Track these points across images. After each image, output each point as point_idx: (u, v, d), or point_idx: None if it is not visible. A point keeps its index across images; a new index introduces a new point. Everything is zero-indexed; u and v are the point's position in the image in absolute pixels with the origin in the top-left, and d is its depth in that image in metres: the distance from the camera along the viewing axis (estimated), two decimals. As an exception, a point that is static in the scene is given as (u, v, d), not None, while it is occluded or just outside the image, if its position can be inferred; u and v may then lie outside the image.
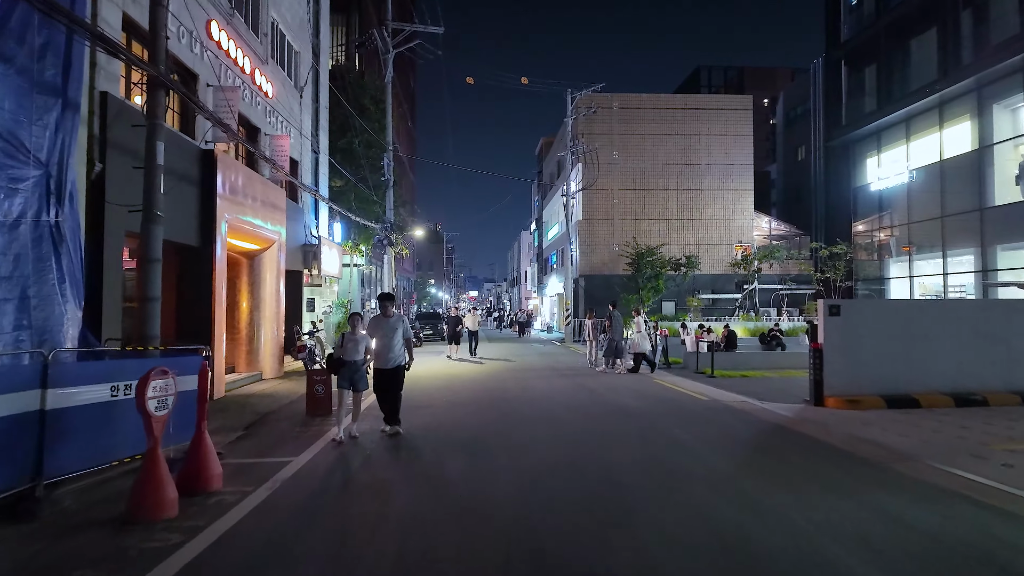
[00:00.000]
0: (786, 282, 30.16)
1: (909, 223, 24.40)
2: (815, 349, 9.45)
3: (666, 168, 30.90)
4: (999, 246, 20.62)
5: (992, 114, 20.82)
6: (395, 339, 7.29)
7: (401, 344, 7.37)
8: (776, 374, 14.11)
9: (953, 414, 8.44)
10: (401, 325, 7.38)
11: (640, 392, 11.16)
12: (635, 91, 31.65)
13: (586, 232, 30.82)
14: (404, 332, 7.37)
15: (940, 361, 9.41)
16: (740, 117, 31.53)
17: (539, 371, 15.17)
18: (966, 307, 9.58)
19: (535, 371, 15.06)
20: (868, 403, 9.06)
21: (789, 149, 42.63)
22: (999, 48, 19.90)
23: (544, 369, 15.62)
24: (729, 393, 10.87)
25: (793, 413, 8.84)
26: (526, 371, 14.88)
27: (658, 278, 27.02)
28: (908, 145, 24.63)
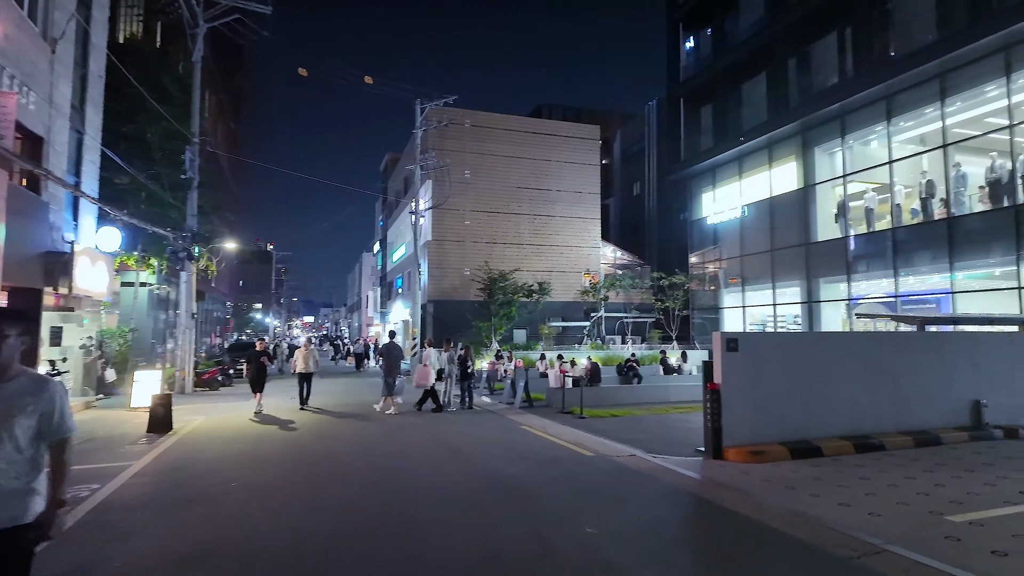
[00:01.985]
0: (630, 310, 30.48)
1: (742, 255, 25.66)
2: (712, 391, 8.02)
3: (519, 192, 29.90)
4: (822, 279, 22.12)
5: (815, 156, 22.49)
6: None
7: (25, 463, 2.52)
8: (644, 411, 12.89)
9: (865, 464, 7.41)
10: (38, 405, 2.53)
11: (511, 448, 8.96)
12: (488, 111, 30.23)
13: (436, 254, 28.55)
14: (47, 423, 2.55)
15: (836, 400, 8.51)
16: (588, 146, 31.73)
17: (384, 420, 12.34)
18: (858, 341, 8.86)
19: (377, 421, 12.20)
20: (772, 454, 7.77)
21: (625, 184, 44.59)
22: (820, 96, 21.59)
23: (390, 415, 12.82)
24: (611, 443, 9.12)
25: (698, 473, 7.23)
26: (367, 422, 11.97)
27: (511, 305, 25.53)
28: (741, 182, 26.07)
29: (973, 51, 16.52)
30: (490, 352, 23.15)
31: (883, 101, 19.60)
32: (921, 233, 18.54)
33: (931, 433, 8.65)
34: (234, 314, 51.51)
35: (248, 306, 60.06)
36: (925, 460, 7.58)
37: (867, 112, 20.25)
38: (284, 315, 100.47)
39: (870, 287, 20.59)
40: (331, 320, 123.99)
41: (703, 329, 28.53)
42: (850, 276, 20.76)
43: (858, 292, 20.80)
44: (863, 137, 21.13)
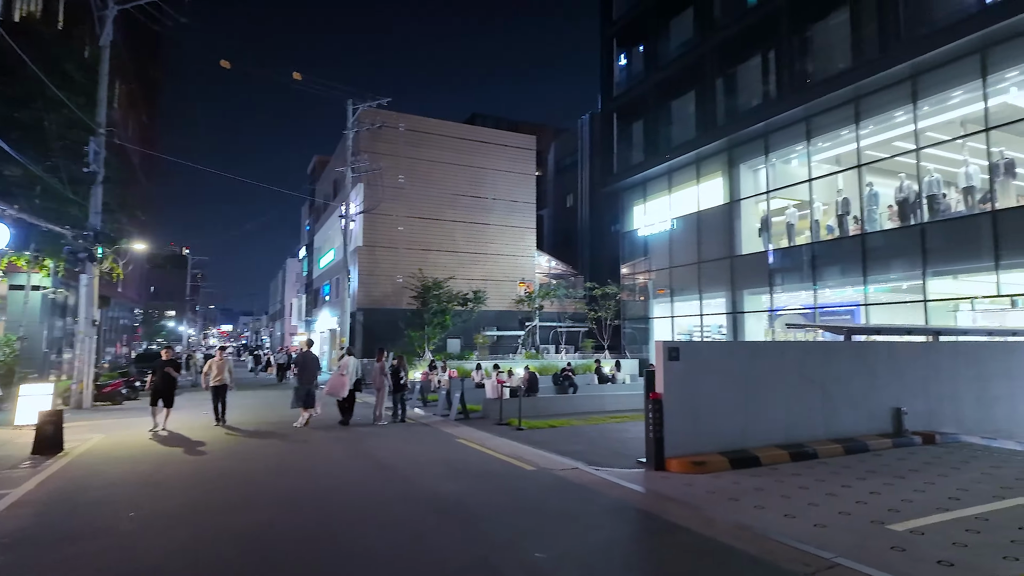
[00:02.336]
0: (564, 320, 30.62)
1: (671, 267, 26.31)
2: (654, 400, 7.90)
3: (455, 199, 29.48)
4: (746, 291, 22.98)
5: (740, 173, 23.41)
6: None
7: None
8: (582, 421, 12.74)
9: (802, 473, 7.48)
10: None
11: (449, 463, 8.49)
12: (423, 116, 29.69)
13: (367, 260, 27.58)
14: None
15: (772, 409, 8.61)
16: (524, 156, 31.79)
17: (307, 436, 11.52)
18: (792, 351, 9.02)
19: (300, 438, 11.37)
20: (713, 464, 7.73)
21: (559, 196, 45.17)
22: (745, 115, 22.52)
23: (315, 431, 12.01)
24: (552, 456, 8.84)
25: (642, 485, 7.05)
26: (288, 439, 11.13)
27: (445, 314, 24.99)
28: (671, 195, 26.80)
29: (883, 79, 17.67)
30: (423, 362, 22.49)
31: (803, 122, 20.66)
32: (837, 248, 19.59)
33: (858, 440, 8.92)
34: (144, 322, 47.88)
35: (160, 314, 56.08)
36: (856, 467, 7.75)
37: (788, 132, 21.28)
38: (200, 323, 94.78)
39: (790, 299, 21.56)
40: (251, 329, 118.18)
41: (633, 339, 29.05)
42: (772, 288, 21.68)
43: (779, 304, 21.74)
44: (785, 156, 22.20)
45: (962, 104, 16.77)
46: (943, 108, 17.23)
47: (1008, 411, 10.73)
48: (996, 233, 15.14)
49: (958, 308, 16.73)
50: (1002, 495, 6.31)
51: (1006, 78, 15.59)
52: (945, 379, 10.17)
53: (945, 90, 16.71)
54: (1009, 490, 6.51)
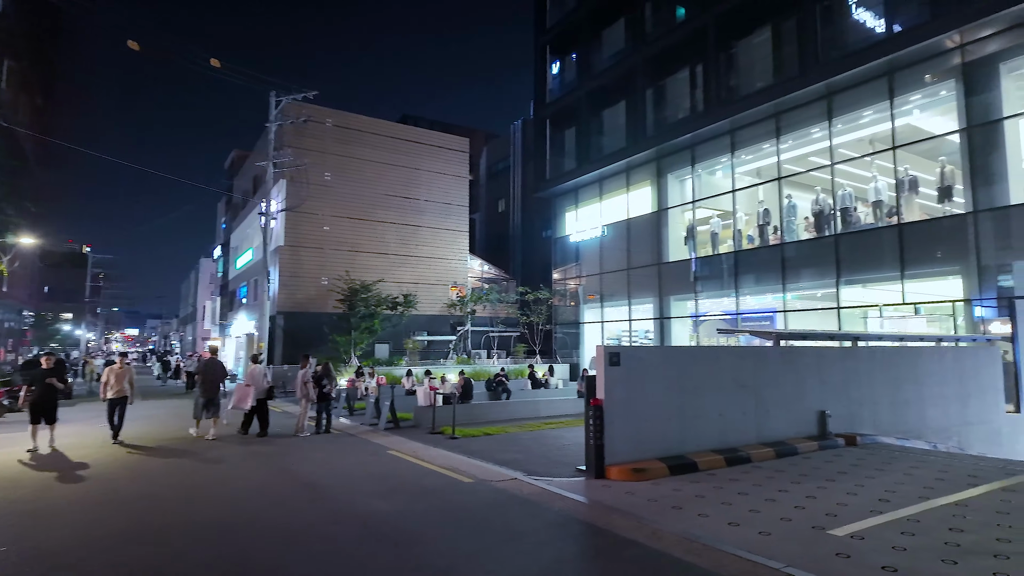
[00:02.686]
0: (496, 324, 30.37)
1: (601, 273, 26.66)
2: (595, 407, 7.73)
3: (386, 199, 28.57)
4: (672, 297, 23.59)
5: (667, 182, 24.04)
6: None
7: None
8: (517, 428, 12.46)
9: (739, 478, 7.50)
10: None
11: (380, 478, 7.95)
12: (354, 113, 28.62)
13: (290, 261, 26.20)
14: None
15: (708, 414, 8.66)
16: (458, 158, 31.36)
17: (220, 451, 10.59)
18: (726, 356, 9.12)
19: (212, 455, 10.43)
20: (653, 471, 7.64)
21: (491, 201, 45.02)
22: (673, 127, 23.16)
23: (229, 446, 11.06)
24: (489, 466, 8.49)
25: (585, 496, 6.83)
26: (197, 456, 10.17)
27: (374, 318, 24.10)
28: (601, 203, 27.19)
29: (802, 96, 18.61)
30: (350, 368, 21.56)
31: (728, 135, 21.46)
32: (758, 257, 20.44)
33: (788, 444, 9.14)
34: (35, 325, 43.48)
35: (55, 316, 51.20)
36: (789, 471, 7.88)
37: (714, 144, 22.06)
38: (101, 327, 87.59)
39: (714, 305, 22.31)
40: (160, 333, 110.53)
41: (564, 343, 29.23)
42: (696, 294, 22.36)
43: (703, 309, 22.45)
44: (710, 167, 23.00)
45: (872, 123, 17.92)
46: (855, 127, 18.35)
47: (917, 413, 11.40)
48: (902, 245, 16.22)
49: (867, 315, 17.82)
50: (926, 495, 6.54)
51: (910, 101, 16.79)
52: (863, 383, 10.65)
53: (857, 110, 17.80)
54: (931, 490, 6.77)
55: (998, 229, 14.53)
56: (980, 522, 5.55)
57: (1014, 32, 14.35)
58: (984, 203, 14.77)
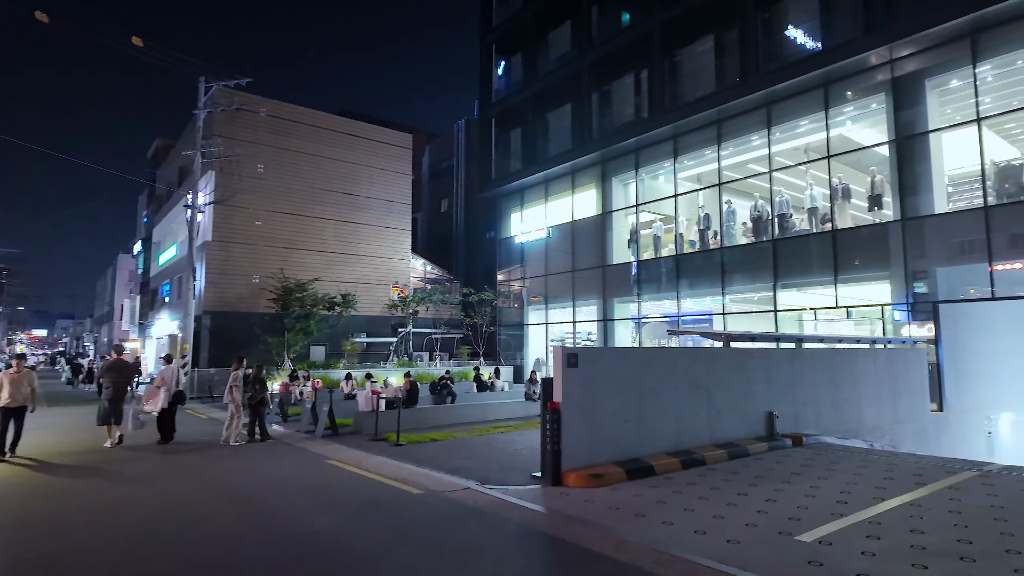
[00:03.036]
0: (439, 326, 29.71)
1: (546, 275, 26.56)
2: (552, 410, 7.41)
3: (324, 195, 27.37)
4: (616, 299, 23.74)
5: (612, 186, 24.21)
6: None
7: None
8: (465, 432, 11.99)
9: (696, 482, 7.36)
10: None
11: (321, 491, 7.31)
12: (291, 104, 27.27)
13: (218, 257, 24.62)
14: None
15: (663, 416, 8.51)
16: (401, 154, 30.51)
17: (136, 464, 9.59)
18: (682, 356, 9.01)
19: (127, 469, 9.43)
20: (610, 476, 7.38)
21: (434, 201, 44.30)
22: (618, 131, 23.33)
23: (146, 456, 10.05)
24: (439, 475, 8.00)
25: (543, 505, 6.48)
26: (112, 469, 9.15)
27: (309, 318, 22.97)
28: (547, 204, 27.10)
29: (742, 104, 19.08)
30: (283, 371, 20.43)
31: (671, 140, 21.79)
32: (698, 261, 20.82)
33: (739, 445, 9.12)
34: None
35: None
36: (744, 473, 7.82)
37: (657, 149, 22.36)
38: (2, 327, 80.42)
39: (655, 307, 22.60)
40: (72, 334, 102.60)
41: (508, 345, 28.94)
42: (639, 297, 22.58)
43: (645, 312, 22.69)
44: (653, 171, 23.31)
45: (808, 133, 18.59)
46: (792, 136, 18.99)
47: (855, 412, 11.74)
48: (835, 251, 16.85)
49: (802, 318, 18.45)
50: (879, 496, 6.57)
51: (844, 112, 17.51)
52: (807, 384, 10.85)
53: (794, 119, 18.41)
54: (883, 491, 6.82)
55: (922, 237, 15.32)
56: (938, 522, 5.56)
57: (937, 51, 15.17)
58: (911, 212, 15.53)
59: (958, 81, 15.20)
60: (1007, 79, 14.81)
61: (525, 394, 15.18)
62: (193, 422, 14.69)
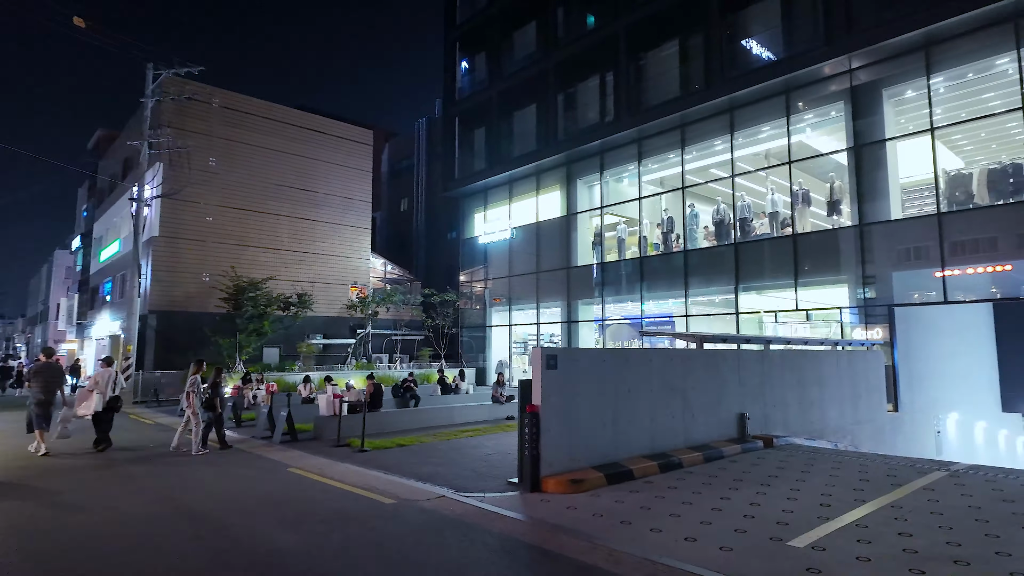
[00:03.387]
0: (400, 327, 29.06)
1: (510, 276, 26.30)
2: (531, 414, 7.12)
3: (279, 190, 26.35)
4: (580, 300, 23.68)
5: (577, 187, 24.16)
6: None
7: None
8: (432, 437, 11.58)
9: (677, 486, 7.19)
10: None
11: (283, 503, 6.80)
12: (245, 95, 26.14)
13: (166, 254, 23.36)
14: None
15: (639, 418, 8.35)
16: (361, 150, 29.73)
17: (74, 475, 8.82)
18: (657, 357, 8.86)
19: (63, 479, 8.66)
20: (590, 481, 7.14)
21: (393, 200, 43.50)
22: (583, 133, 23.30)
23: (84, 466, 9.26)
24: (410, 483, 7.60)
25: (523, 513, 6.18)
26: (40, 484, 8.37)
27: (263, 319, 22.01)
28: (511, 205, 26.87)
29: (706, 109, 19.30)
30: (235, 374, 19.49)
31: (635, 144, 21.89)
32: (662, 263, 20.95)
33: (713, 447, 9.04)
34: None
35: None
36: (722, 476, 7.71)
37: (622, 152, 22.43)
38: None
39: (619, 310, 22.65)
40: (1, 335, 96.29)
41: (470, 347, 28.53)
42: (603, 299, 22.58)
43: (609, 313, 22.71)
44: (618, 174, 23.37)
45: (769, 139, 18.94)
46: (754, 141, 19.30)
47: (820, 413, 11.90)
48: (795, 255, 17.18)
49: (762, 321, 18.76)
50: (860, 498, 6.54)
51: (804, 119, 17.90)
52: (776, 385, 10.91)
53: (756, 125, 18.72)
54: (862, 492, 6.81)
55: (878, 242, 15.75)
56: (922, 524, 5.53)
57: (893, 62, 15.65)
58: (867, 218, 15.96)
59: (913, 92, 15.72)
60: (957, 91, 15.41)
61: (492, 397, 14.85)
62: (139, 428, 13.77)
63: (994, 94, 15.06)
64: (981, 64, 14.58)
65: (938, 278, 14.54)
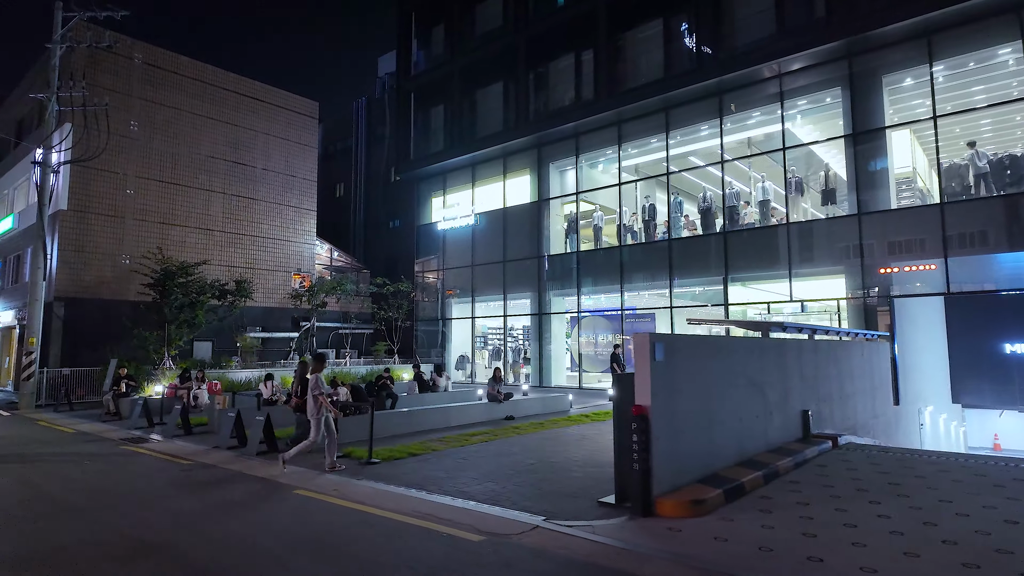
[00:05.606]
0: (351, 320, 26.57)
1: (473, 265, 24.54)
2: (638, 416, 5.61)
3: (211, 163, 23.14)
4: (552, 292, 22.33)
5: (549, 172, 22.75)
6: None
7: None
8: (441, 443, 9.72)
9: (786, 498, 5.94)
10: None
11: (329, 550, 4.89)
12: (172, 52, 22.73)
13: (75, 231, 19.74)
14: None
15: (729, 419, 7.07)
16: (303, 123, 26.84)
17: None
18: (740, 349, 7.60)
19: None
20: (711, 501, 5.73)
21: (327, 185, 40.32)
22: (557, 113, 21.94)
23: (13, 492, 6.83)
24: (468, 506, 5.89)
25: (667, 551, 4.66)
26: None
27: (196, 308, 19.05)
28: (474, 189, 25.09)
29: (694, 92, 18.44)
30: (168, 373, 16.63)
31: (615, 127, 20.74)
32: (644, 253, 19.94)
33: (791, 450, 7.92)
34: None
35: None
36: (826, 485, 6.56)
37: (600, 135, 21.22)
38: None
39: (594, 301, 21.51)
40: None
41: (425, 341, 26.52)
42: (579, 290, 21.33)
43: (586, 306, 21.50)
44: (594, 159, 22.19)
45: (759, 125, 18.39)
46: (743, 127, 18.65)
47: (853, 408, 11.16)
48: (790, 244, 16.59)
49: (747, 313, 18.20)
50: (1012, 518, 5.52)
51: (797, 105, 17.40)
52: (823, 378, 10.00)
53: (747, 110, 18.08)
54: (994, 510, 5.81)
55: (878, 231, 15.40)
56: None
57: (898, 47, 15.31)
58: (868, 207, 15.58)
59: (912, 80, 15.49)
60: (957, 80, 15.29)
61: (488, 395, 13.16)
62: (61, 439, 10.96)
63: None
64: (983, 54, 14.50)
65: (939, 268, 14.33)
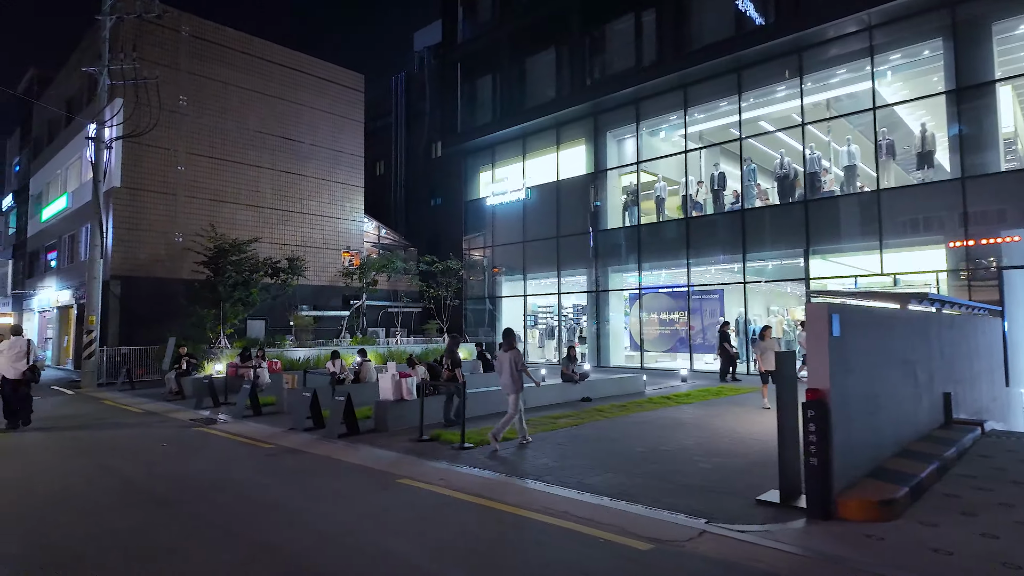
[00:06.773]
0: (401, 298, 26.09)
1: (524, 241, 23.70)
2: (816, 402, 4.73)
3: (259, 138, 22.68)
4: (609, 268, 21.34)
5: (606, 141, 21.61)
6: None
7: None
8: (531, 427, 9.00)
9: (972, 495, 4.96)
10: None
11: (470, 555, 4.19)
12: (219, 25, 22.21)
13: (129, 209, 19.54)
14: None
15: (887, 404, 6.12)
16: (352, 98, 26.19)
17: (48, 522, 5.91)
18: (896, 323, 6.60)
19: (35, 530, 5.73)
20: (900, 502, 4.81)
21: (368, 163, 39.79)
22: (614, 79, 20.72)
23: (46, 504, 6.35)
24: (585, 497, 5.14)
25: (866, 563, 3.80)
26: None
27: (249, 286, 18.68)
28: (525, 162, 24.12)
29: (767, 50, 17.05)
30: (227, 352, 16.34)
31: (680, 91, 19.47)
32: (713, 225, 18.75)
33: (943, 438, 6.94)
34: None
35: None
36: (1005, 479, 5.57)
37: (662, 100, 19.96)
38: None
39: (656, 278, 20.47)
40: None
41: (474, 320, 25.91)
42: (640, 265, 20.30)
43: (647, 282, 20.50)
44: (656, 126, 20.99)
45: (841, 84, 16.92)
46: (824, 87, 17.21)
47: (978, 389, 10.04)
48: (879, 213, 15.27)
49: (826, 286, 16.93)
50: None
51: (889, 60, 15.90)
52: (956, 356, 8.90)
53: (830, 68, 16.62)
54: None
55: (986, 196, 13.98)
56: None
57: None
58: (969, 170, 14.14)
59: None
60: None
61: (562, 375, 12.42)
62: (131, 421, 10.62)
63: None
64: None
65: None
